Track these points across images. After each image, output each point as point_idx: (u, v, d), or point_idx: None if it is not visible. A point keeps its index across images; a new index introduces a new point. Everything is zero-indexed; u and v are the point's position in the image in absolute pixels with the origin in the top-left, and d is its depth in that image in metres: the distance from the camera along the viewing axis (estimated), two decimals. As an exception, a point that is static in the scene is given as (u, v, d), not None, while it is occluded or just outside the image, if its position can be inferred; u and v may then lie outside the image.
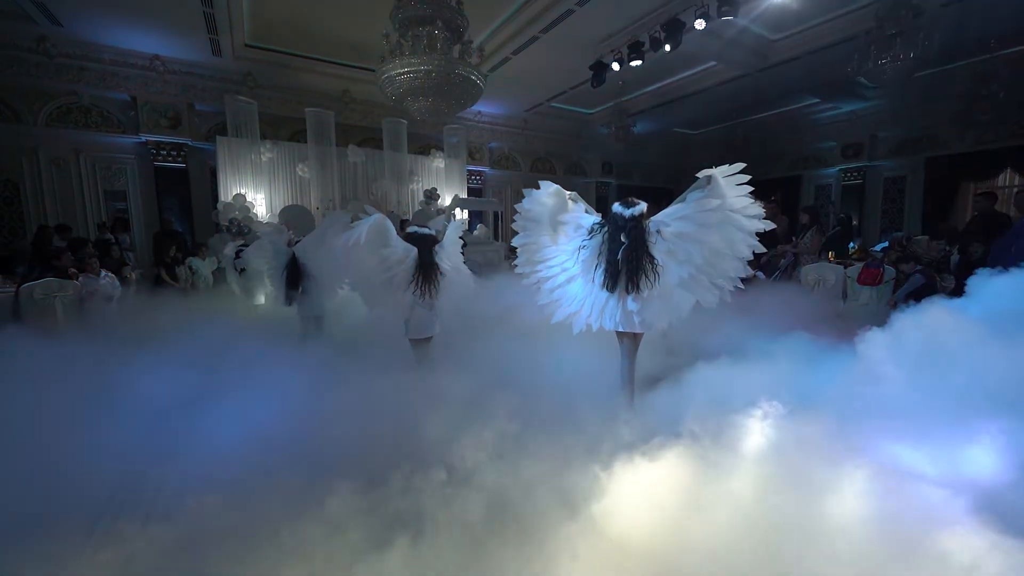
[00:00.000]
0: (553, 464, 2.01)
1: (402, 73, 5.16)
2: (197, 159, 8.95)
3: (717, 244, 2.45)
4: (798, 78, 9.44)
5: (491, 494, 1.85)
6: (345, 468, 1.97)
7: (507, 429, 2.22)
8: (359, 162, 9.37)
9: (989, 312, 2.44)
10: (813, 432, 1.99)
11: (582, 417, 2.41)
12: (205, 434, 2.41)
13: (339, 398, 2.66)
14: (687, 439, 2.12)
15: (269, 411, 2.52)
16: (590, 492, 1.86)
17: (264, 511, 1.76)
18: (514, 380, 2.84)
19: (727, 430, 2.10)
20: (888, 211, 11.24)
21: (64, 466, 2.07)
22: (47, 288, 3.81)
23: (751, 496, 1.78)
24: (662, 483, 1.91)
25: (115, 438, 2.34)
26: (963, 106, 9.38)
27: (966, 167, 9.91)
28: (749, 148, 13.50)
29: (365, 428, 2.36)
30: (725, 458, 1.97)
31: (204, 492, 1.84)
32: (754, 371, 2.86)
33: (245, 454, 2.18)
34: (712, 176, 2.41)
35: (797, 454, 1.90)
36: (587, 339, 2.89)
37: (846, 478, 1.79)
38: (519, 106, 11.23)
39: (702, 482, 1.89)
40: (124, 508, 1.95)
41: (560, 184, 2.77)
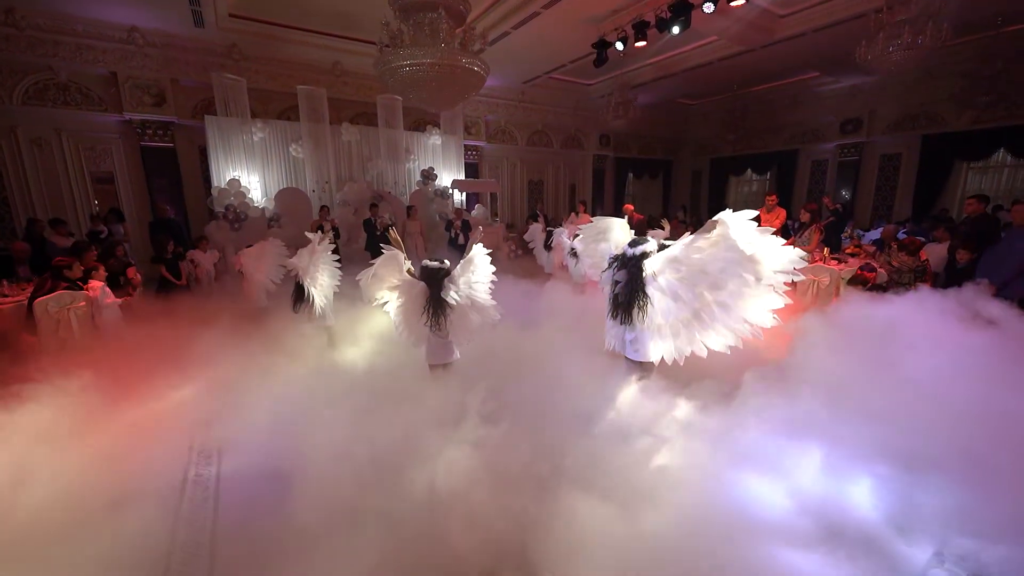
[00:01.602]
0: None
1: (404, 66, 4.99)
2: (185, 138, 8.64)
3: (719, 288, 2.50)
4: (802, 54, 9.25)
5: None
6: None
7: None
8: (353, 141, 9.12)
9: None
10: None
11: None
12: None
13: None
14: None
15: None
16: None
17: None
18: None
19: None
20: (881, 188, 11.35)
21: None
22: (60, 301, 3.83)
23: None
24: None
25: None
26: (965, 85, 9.34)
27: (961, 146, 9.95)
28: (748, 120, 13.35)
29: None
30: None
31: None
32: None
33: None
34: (719, 221, 2.47)
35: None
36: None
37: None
38: (517, 77, 10.86)
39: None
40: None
41: (557, 157, 2.88)
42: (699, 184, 15.36)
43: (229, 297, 5.28)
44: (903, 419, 2.42)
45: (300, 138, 8.66)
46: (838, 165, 11.93)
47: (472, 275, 3.04)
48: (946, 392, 2.47)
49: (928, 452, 2.24)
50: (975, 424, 2.30)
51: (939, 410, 2.39)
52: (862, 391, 2.67)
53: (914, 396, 2.51)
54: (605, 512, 2.05)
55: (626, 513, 2.06)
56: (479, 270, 3.07)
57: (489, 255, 3.17)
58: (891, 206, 11.15)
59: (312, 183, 8.78)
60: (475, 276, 3.06)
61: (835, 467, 2.31)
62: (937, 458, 2.20)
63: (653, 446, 2.55)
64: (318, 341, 4.14)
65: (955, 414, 2.36)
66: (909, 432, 2.34)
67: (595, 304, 5.19)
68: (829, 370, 2.85)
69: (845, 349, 3.02)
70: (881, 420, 2.46)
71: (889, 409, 2.50)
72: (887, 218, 10.95)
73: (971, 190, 10.29)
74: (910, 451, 2.27)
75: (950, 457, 2.19)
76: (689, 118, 14.68)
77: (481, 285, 3.09)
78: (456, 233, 7.91)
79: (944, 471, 2.15)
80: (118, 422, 2.88)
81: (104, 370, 3.21)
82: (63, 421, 2.72)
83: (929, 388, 2.52)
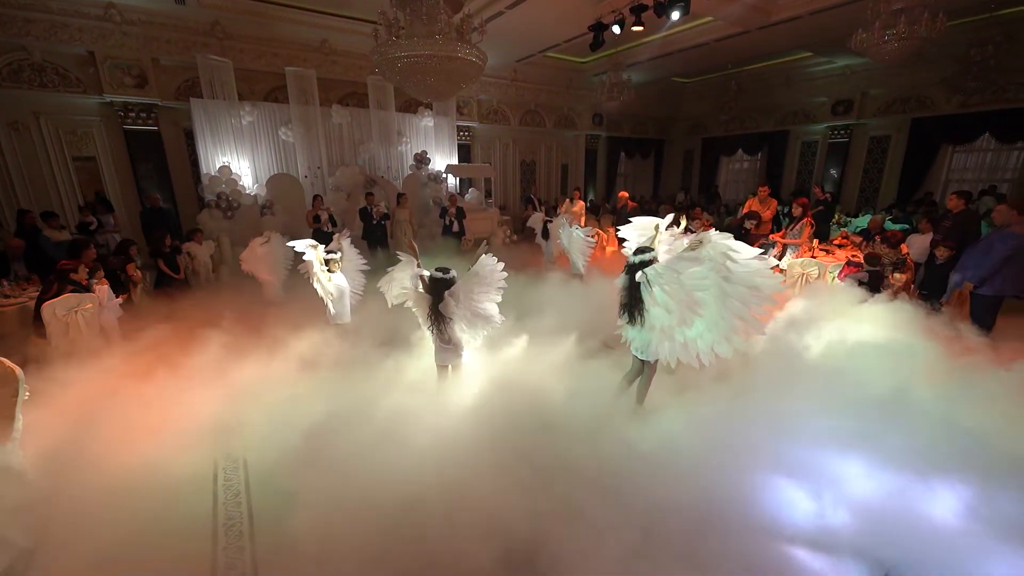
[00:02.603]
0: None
1: (401, 57, 4.90)
2: (169, 120, 8.36)
3: (700, 305, 2.68)
4: (797, 35, 9.19)
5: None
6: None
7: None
8: (344, 123, 8.93)
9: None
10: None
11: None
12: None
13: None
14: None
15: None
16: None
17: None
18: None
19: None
20: (869, 171, 11.52)
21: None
22: (68, 304, 3.83)
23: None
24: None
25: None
26: (957, 69, 9.41)
27: (948, 129, 10.09)
28: (740, 100, 13.30)
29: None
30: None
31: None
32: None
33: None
34: (704, 240, 2.66)
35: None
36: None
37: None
38: (510, 56, 10.61)
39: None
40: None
41: (549, 137, 2.96)
42: (691, 164, 15.38)
43: (231, 291, 5.28)
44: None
45: (290, 121, 8.46)
46: (828, 147, 12.04)
47: (476, 287, 3.07)
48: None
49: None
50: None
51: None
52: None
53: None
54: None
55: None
56: (485, 280, 3.10)
57: (484, 242, 3.27)
58: (878, 189, 11.36)
59: (304, 168, 8.62)
60: (480, 287, 3.09)
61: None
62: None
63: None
64: (335, 340, 4.20)
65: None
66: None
67: (595, 296, 5.37)
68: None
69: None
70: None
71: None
72: (873, 203, 11.20)
73: (955, 173, 10.54)
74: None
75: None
76: (682, 97, 14.56)
77: (486, 295, 3.13)
78: (451, 220, 7.91)
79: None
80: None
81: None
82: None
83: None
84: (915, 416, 2.79)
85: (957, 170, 10.47)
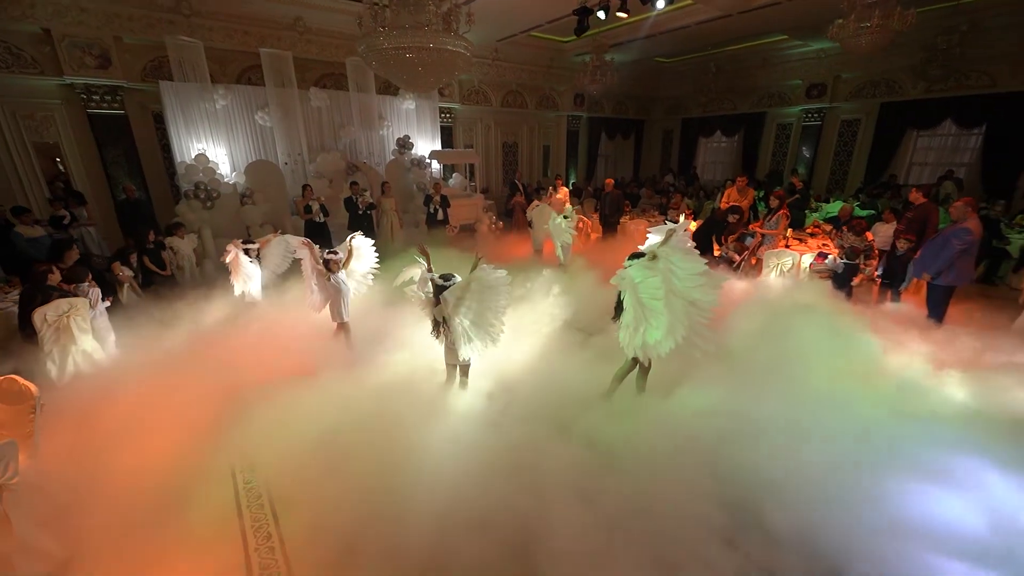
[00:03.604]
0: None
1: (387, 49, 4.81)
2: (136, 103, 7.97)
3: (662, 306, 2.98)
4: (776, 19, 9.32)
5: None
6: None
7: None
8: (323, 107, 8.68)
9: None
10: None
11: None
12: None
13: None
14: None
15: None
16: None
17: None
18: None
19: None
20: (840, 153, 11.94)
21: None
22: (59, 310, 3.77)
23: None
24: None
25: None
26: (924, 57, 9.74)
27: (914, 114, 10.52)
28: (719, 81, 13.44)
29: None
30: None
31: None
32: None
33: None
34: (657, 252, 2.96)
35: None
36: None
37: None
38: (491, 35, 10.39)
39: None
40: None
41: (531, 119, 3.12)
42: (670, 145, 15.56)
43: (220, 288, 5.24)
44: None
45: (266, 105, 8.17)
46: (802, 129, 12.37)
47: (473, 301, 3.12)
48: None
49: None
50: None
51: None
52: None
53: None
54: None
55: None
56: (489, 286, 3.14)
57: (470, 230, 3.40)
58: (847, 171, 11.81)
59: (283, 155, 8.39)
60: (479, 304, 3.13)
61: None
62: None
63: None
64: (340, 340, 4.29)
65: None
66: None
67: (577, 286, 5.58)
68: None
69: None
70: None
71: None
72: (843, 185, 11.68)
73: (919, 156, 11.05)
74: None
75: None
76: (662, 77, 14.58)
77: (491, 312, 3.18)
78: (435, 208, 7.89)
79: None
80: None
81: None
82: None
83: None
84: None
85: (920, 152, 10.97)
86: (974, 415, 3.12)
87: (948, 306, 4.60)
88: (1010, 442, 2.80)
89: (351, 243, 4.21)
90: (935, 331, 4.27)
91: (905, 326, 4.27)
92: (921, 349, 3.90)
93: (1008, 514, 2.42)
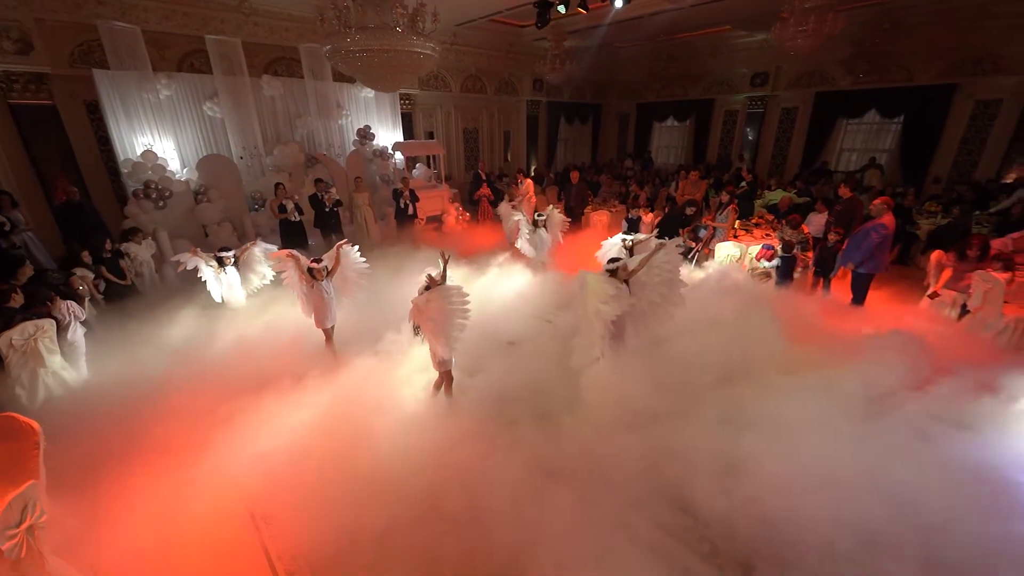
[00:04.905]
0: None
1: (353, 52, 4.76)
2: (66, 92, 7.30)
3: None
4: (723, 11, 9.76)
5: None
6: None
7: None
8: (277, 96, 8.32)
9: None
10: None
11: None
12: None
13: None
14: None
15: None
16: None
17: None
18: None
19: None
20: (779, 140, 12.81)
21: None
22: (24, 333, 3.62)
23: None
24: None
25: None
26: (852, 51, 10.55)
27: (843, 104, 11.45)
28: (671, 67, 13.90)
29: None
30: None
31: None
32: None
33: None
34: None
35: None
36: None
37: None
38: (450, 19, 10.20)
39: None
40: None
41: (491, 104, 3.41)
42: (626, 128, 15.99)
43: (183, 295, 5.13)
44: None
45: (215, 94, 7.74)
46: (747, 116, 13.12)
47: (441, 304, 3.33)
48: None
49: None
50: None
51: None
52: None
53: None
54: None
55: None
56: (449, 302, 3.37)
57: (437, 221, 3.65)
58: (787, 157, 12.72)
59: (237, 148, 8.02)
60: (445, 307, 3.34)
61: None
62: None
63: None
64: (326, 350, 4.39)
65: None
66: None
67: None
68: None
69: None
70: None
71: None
72: (782, 169, 12.57)
73: (847, 142, 12.07)
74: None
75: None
76: (617, 62, 14.83)
77: (449, 319, 3.38)
78: (405, 203, 7.89)
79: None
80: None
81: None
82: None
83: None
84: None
85: (849, 139, 11.98)
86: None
87: (868, 291, 5.31)
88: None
89: (338, 252, 4.26)
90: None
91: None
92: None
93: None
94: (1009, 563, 2.38)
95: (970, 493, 2.70)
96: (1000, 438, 3.12)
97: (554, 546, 2.54)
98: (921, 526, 2.53)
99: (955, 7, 9.05)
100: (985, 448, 3.04)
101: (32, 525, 2.02)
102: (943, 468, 2.87)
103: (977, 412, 3.32)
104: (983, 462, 2.93)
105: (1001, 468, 2.90)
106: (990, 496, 2.72)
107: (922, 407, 3.40)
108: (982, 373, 3.66)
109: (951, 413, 3.33)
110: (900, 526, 2.55)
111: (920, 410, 3.37)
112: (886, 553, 2.44)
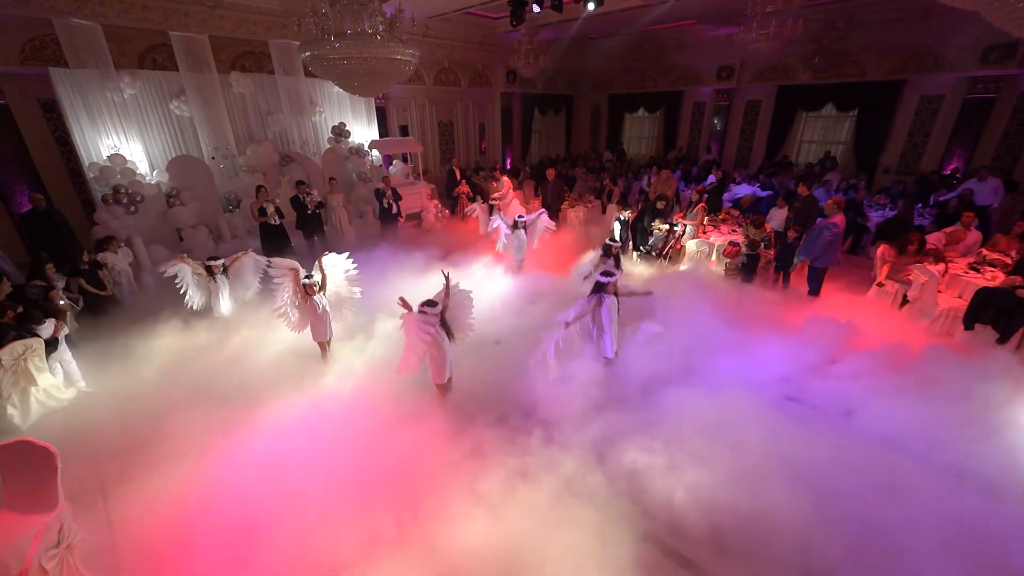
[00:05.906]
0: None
1: (334, 59, 4.78)
2: (17, 90, 6.95)
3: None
4: (690, 7, 10.06)
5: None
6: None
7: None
8: (247, 93, 8.13)
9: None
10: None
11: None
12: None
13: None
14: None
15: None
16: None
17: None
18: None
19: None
20: (744, 132, 13.34)
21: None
22: (13, 353, 3.61)
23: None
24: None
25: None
26: (812, 48, 11.06)
27: (803, 98, 12.02)
28: (642, 59, 14.16)
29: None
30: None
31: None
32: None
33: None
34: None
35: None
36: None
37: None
38: (422, 11, 10.09)
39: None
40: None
41: (465, 96, 3.69)
42: (599, 118, 16.23)
43: (167, 304, 5.12)
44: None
45: (182, 92, 7.51)
46: (714, 108, 13.57)
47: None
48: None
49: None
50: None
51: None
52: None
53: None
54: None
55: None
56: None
57: (416, 219, 3.86)
58: (751, 148, 13.27)
59: (209, 148, 7.83)
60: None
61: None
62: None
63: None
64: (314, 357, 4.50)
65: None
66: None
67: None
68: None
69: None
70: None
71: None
72: (747, 160, 13.13)
73: (807, 135, 12.71)
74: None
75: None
76: (589, 53, 14.98)
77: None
78: (388, 203, 7.92)
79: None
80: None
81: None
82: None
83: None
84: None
85: (808, 131, 12.61)
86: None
87: (823, 283, 5.81)
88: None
89: (321, 264, 4.30)
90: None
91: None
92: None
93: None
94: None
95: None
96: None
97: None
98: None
99: (902, 6, 9.62)
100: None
101: (69, 544, 2.15)
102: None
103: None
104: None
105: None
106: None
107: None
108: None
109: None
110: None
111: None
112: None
